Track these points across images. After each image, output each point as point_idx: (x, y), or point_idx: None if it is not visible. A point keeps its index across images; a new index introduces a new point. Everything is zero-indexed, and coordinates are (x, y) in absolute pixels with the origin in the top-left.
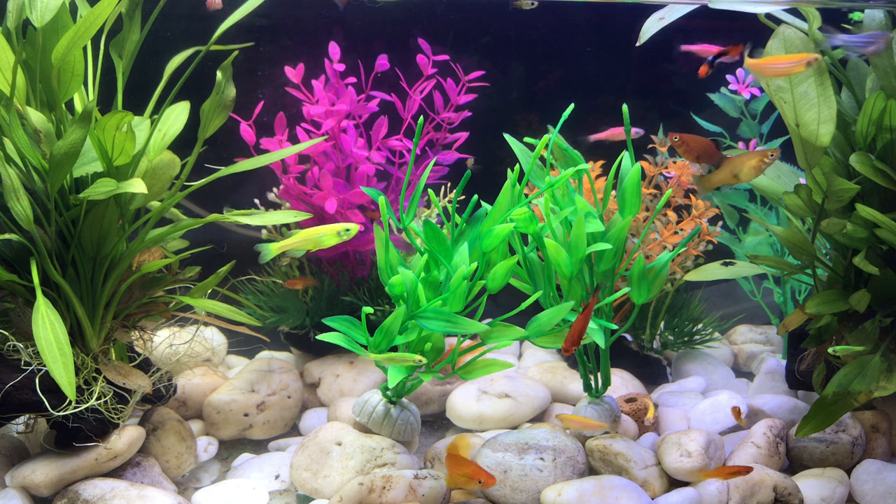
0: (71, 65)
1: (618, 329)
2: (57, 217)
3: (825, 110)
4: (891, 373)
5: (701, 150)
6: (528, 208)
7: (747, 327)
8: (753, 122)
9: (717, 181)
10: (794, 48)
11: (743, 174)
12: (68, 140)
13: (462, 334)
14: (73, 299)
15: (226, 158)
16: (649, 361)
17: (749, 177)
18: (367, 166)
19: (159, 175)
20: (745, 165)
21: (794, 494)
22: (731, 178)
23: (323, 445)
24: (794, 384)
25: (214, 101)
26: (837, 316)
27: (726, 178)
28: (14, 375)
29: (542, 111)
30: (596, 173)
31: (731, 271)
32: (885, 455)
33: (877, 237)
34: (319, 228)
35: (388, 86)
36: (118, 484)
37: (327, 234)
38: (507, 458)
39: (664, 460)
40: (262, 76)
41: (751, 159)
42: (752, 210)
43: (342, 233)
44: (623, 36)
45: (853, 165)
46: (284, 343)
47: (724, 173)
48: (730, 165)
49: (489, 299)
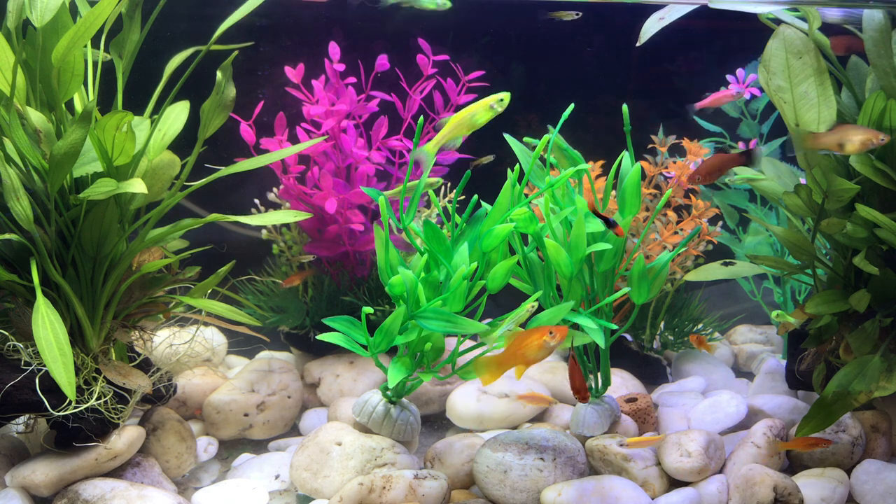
0: (71, 65)
1: (618, 329)
2: (57, 217)
3: (825, 110)
4: (891, 373)
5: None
6: (528, 208)
7: (747, 327)
8: (753, 122)
9: (823, 143)
10: (794, 48)
11: (848, 148)
12: (68, 140)
13: (462, 334)
14: (73, 299)
15: (226, 158)
16: (649, 361)
17: (853, 151)
18: (367, 166)
19: (159, 175)
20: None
21: (794, 494)
22: (836, 146)
23: (323, 445)
24: (794, 384)
25: (214, 101)
26: (837, 316)
27: (832, 144)
28: (14, 375)
29: (542, 111)
30: (596, 173)
31: (731, 271)
32: (885, 455)
33: (877, 237)
34: (470, 108)
35: (388, 86)
36: (118, 484)
37: (479, 111)
38: (507, 458)
39: (664, 460)
40: (262, 76)
41: (861, 134)
42: (752, 210)
43: (495, 104)
44: (623, 36)
45: (853, 165)
46: (284, 343)
47: (833, 139)
48: (841, 133)
49: (489, 299)
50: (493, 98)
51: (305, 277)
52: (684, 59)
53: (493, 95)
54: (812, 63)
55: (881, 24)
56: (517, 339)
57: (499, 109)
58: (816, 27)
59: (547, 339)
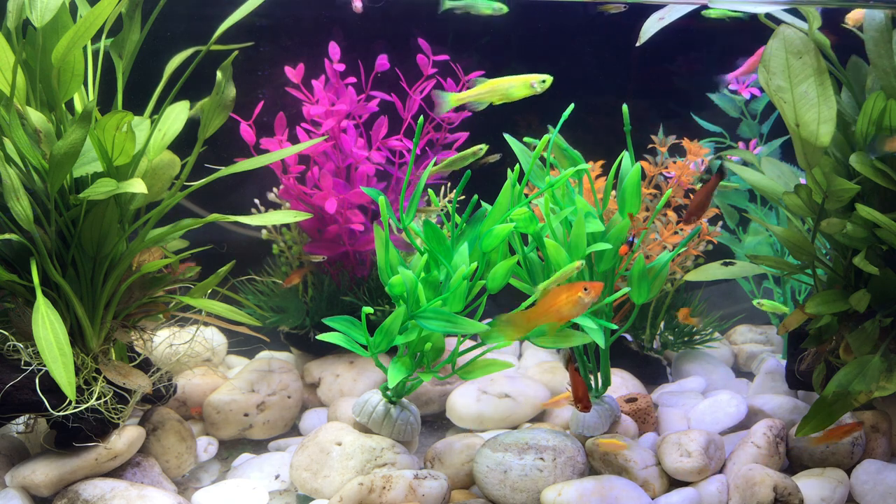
0: (71, 65)
1: (618, 329)
2: (57, 217)
3: (825, 110)
4: (891, 373)
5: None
6: (528, 208)
7: (747, 327)
8: (753, 122)
9: None
10: (793, 48)
11: None
12: (68, 140)
13: (462, 334)
14: (73, 299)
15: (226, 158)
16: (649, 361)
17: None
18: (367, 166)
19: (159, 175)
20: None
21: (794, 494)
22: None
23: (323, 445)
24: (794, 384)
25: (214, 101)
26: (837, 316)
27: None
28: (14, 375)
29: (542, 111)
30: (596, 173)
31: (731, 271)
32: (885, 455)
33: (877, 237)
34: (510, 78)
35: (388, 86)
36: (118, 484)
37: (518, 85)
38: (507, 458)
39: (664, 460)
40: (262, 76)
41: None
42: (752, 210)
43: (536, 84)
44: (623, 36)
45: (853, 165)
46: (284, 343)
47: None
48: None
49: (489, 299)
50: (536, 77)
51: (305, 275)
52: (684, 59)
53: (536, 74)
54: (812, 63)
55: (881, 24)
56: (551, 294)
57: (538, 90)
58: (816, 27)
59: (582, 296)
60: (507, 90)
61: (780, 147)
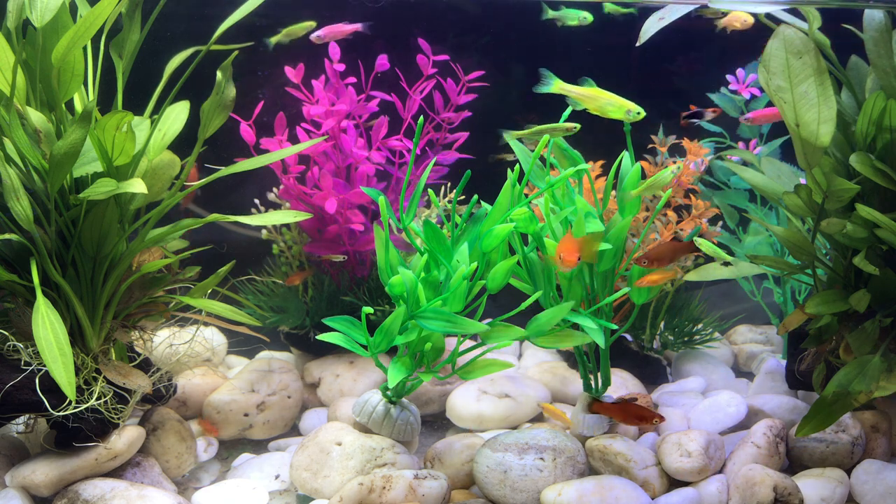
0: (71, 65)
1: (618, 329)
2: (57, 217)
3: (825, 110)
4: (891, 373)
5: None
6: (528, 208)
7: (747, 327)
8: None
9: None
10: (794, 48)
11: None
12: (68, 140)
13: (462, 334)
14: (73, 299)
15: (226, 158)
16: (649, 361)
17: None
18: (367, 166)
19: (159, 175)
20: None
21: (794, 494)
22: None
23: (323, 445)
24: (794, 384)
25: (214, 101)
26: (837, 316)
27: None
28: (14, 375)
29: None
30: (596, 173)
31: (731, 271)
32: (885, 455)
33: (877, 237)
34: (612, 95)
35: (388, 86)
36: (118, 484)
37: (615, 107)
38: (507, 458)
39: (664, 460)
40: (262, 76)
41: None
42: (752, 210)
43: (631, 112)
44: (623, 36)
45: (853, 165)
46: (284, 343)
47: None
48: None
49: (489, 299)
50: (634, 107)
51: (305, 277)
52: (684, 59)
53: (634, 105)
54: (812, 63)
55: (881, 24)
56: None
57: (630, 118)
58: (816, 27)
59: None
60: (604, 104)
61: (780, 147)
